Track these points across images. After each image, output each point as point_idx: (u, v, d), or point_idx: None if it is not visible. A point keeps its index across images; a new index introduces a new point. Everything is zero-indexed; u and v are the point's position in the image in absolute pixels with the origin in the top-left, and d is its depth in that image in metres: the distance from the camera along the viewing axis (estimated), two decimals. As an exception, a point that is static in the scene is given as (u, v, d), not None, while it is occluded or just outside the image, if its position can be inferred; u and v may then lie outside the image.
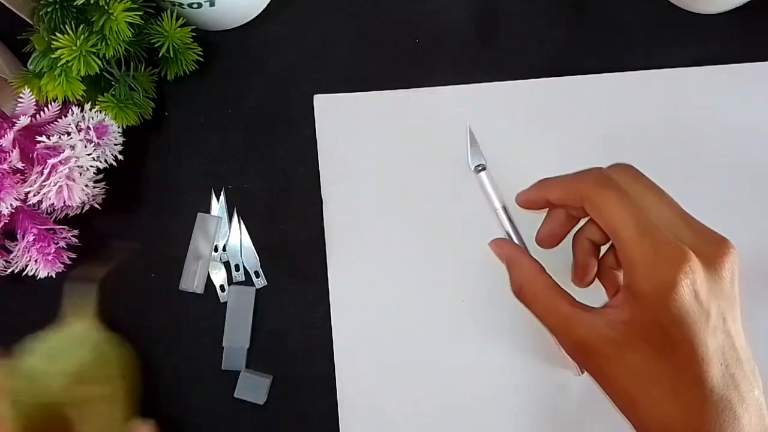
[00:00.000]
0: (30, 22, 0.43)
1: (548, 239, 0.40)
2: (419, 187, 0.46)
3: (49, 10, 0.39)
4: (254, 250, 0.46)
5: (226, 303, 0.46)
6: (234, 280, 0.46)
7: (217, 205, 0.47)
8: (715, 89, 0.46)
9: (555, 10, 0.48)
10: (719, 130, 0.46)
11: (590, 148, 0.46)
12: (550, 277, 0.36)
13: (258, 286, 0.46)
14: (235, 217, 0.47)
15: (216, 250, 0.46)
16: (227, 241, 0.47)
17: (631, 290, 0.32)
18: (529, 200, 0.39)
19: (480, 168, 0.44)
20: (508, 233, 0.43)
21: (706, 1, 0.46)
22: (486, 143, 0.46)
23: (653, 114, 0.46)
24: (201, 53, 0.45)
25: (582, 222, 0.39)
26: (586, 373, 0.39)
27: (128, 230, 0.48)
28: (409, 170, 0.47)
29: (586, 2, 0.48)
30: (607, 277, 0.38)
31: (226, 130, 0.48)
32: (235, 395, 0.45)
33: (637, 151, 0.46)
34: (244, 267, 0.46)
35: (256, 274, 0.46)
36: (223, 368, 0.45)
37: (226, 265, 0.46)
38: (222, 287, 0.46)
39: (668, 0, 0.48)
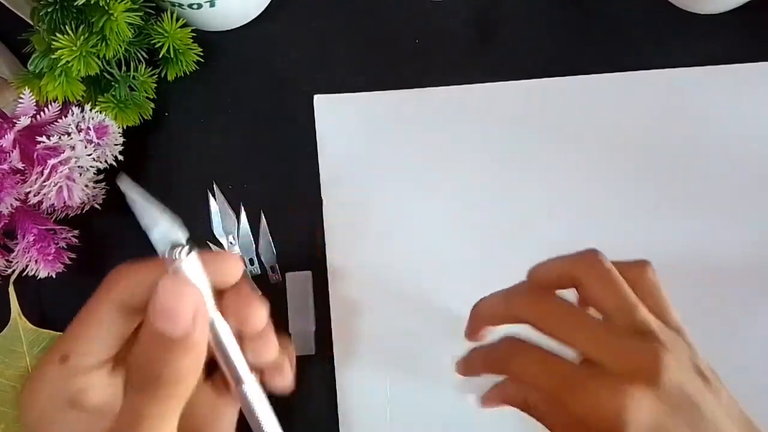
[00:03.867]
0: (30, 22, 0.43)
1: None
2: (419, 186, 0.46)
3: (49, 10, 0.39)
4: (272, 244, 0.46)
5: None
6: (251, 274, 0.46)
7: (215, 204, 0.47)
8: (715, 89, 0.46)
9: (555, 10, 0.48)
10: (719, 130, 0.46)
11: (590, 148, 0.46)
12: None
13: (273, 281, 0.46)
14: (243, 212, 0.47)
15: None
16: (238, 233, 0.46)
17: None
18: (493, 315, 0.34)
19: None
20: None
21: (706, 1, 0.46)
22: (485, 143, 0.46)
23: (653, 114, 0.46)
24: (201, 53, 0.45)
25: None
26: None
27: (128, 230, 0.47)
28: (408, 170, 0.47)
29: (586, 2, 0.48)
30: None
31: (226, 130, 0.48)
32: (235, 395, 0.45)
33: (636, 152, 0.46)
34: (259, 260, 0.46)
35: (272, 269, 0.46)
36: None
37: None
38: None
39: (668, 0, 0.48)
